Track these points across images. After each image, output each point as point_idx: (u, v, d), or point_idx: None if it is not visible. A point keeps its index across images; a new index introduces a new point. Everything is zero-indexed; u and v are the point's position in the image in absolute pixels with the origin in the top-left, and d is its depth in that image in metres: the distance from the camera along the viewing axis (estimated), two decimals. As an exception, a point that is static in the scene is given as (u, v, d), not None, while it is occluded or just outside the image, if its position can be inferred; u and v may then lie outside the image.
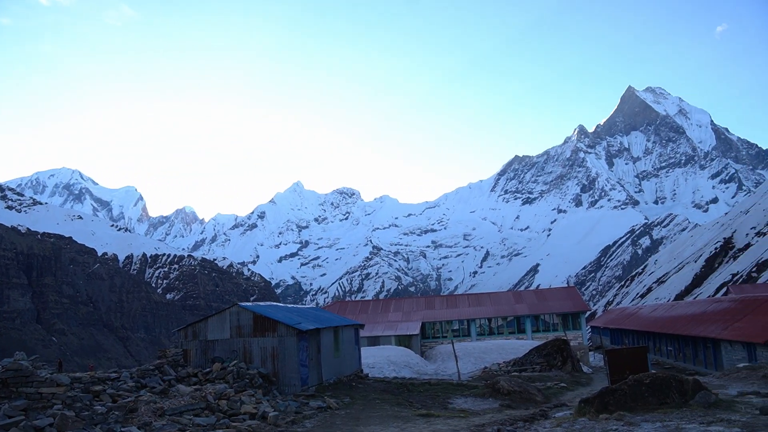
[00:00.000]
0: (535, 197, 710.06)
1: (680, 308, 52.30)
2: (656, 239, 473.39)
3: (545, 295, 61.64)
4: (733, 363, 30.65)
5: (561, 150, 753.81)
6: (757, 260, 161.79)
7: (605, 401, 14.84)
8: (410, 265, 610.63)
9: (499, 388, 24.62)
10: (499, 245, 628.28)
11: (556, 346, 36.85)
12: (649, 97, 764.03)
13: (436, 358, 47.17)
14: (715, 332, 35.00)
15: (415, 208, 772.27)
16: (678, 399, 14.64)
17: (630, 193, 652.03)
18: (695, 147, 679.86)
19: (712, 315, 39.68)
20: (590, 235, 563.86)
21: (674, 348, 43.10)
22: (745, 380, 21.31)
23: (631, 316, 62.19)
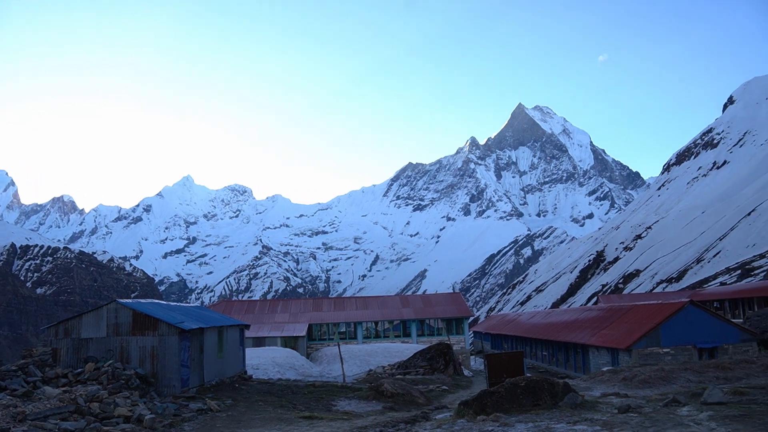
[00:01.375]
0: (426, 204, 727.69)
1: (555, 316, 55.37)
2: (537, 250, 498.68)
3: (431, 300, 63.18)
4: (599, 367, 32.86)
5: (453, 160, 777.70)
6: (624, 272, 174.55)
7: (483, 403, 15.45)
8: (300, 267, 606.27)
9: (383, 391, 24.96)
10: (389, 250, 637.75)
11: (440, 350, 37.87)
12: (537, 115, 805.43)
13: (322, 360, 47.10)
14: (585, 338, 37.39)
15: (307, 209, 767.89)
16: (549, 401, 15.52)
17: (515, 205, 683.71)
18: (576, 165, 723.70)
19: (583, 322, 42.35)
20: (477, 243, 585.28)
21: (548, 353, 45.56)
22: (608, 382, 22.92)
23: (511, 323, 65.08)
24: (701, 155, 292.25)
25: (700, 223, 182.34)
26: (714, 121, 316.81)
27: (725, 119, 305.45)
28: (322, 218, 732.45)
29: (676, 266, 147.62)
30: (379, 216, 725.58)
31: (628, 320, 35.71)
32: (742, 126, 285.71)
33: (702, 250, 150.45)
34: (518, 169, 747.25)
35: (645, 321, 33.22)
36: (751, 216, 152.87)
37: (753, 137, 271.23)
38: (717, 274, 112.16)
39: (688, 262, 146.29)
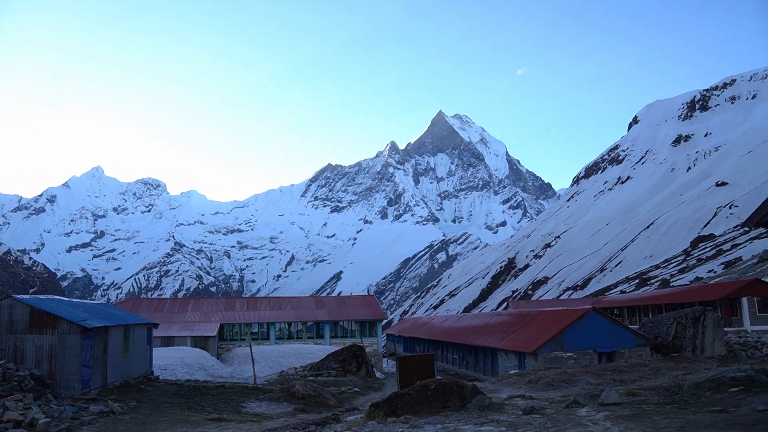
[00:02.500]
0: (344, 206, 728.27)
1: (467, 320, 56.71)
2: (452, 255, 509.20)
3: (345, 302, 63.24)
4: (507, 370, 33.95)
5: (373, 163, 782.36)
6: (533, 279, 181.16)
7: (394, 405, 15.64)
8: (213, 265, 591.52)
9: (294, 392, 24.76)
10: (305, 250, 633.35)
11: (352, 352, 37.96)
12: (456, 123, 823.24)
13: (233, 360, 46.16)
14: (494, 343, 38.53)
15: (223, 206, 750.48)
16: (458, 402, 15.91)
17: (432, 210, 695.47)
18: (491, 174, 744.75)
19: (493, 327, 43.61)
20: (393, 246, 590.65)
21: (459, 356, 46.60)
22: (515, 385, 23.75)
23: (424, 326, 66.09)
24: (608, 170, 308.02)
25: (604, 235, 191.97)
26: (620, 138, 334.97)
27: (630, 137, 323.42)
28: (238, 216, 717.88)
29: (582, 274, 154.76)
30: (296, 216, 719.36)
31: (536, 325, 37.10)
32: (644, 145, 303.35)
33: (605, 259, 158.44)
34: (436, 175, 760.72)
35: (551, 326, 34.61)
36: (650, 229, 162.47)
37: (653, 156, 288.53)
38: (618, 283, 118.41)
39: (593, 270, 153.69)
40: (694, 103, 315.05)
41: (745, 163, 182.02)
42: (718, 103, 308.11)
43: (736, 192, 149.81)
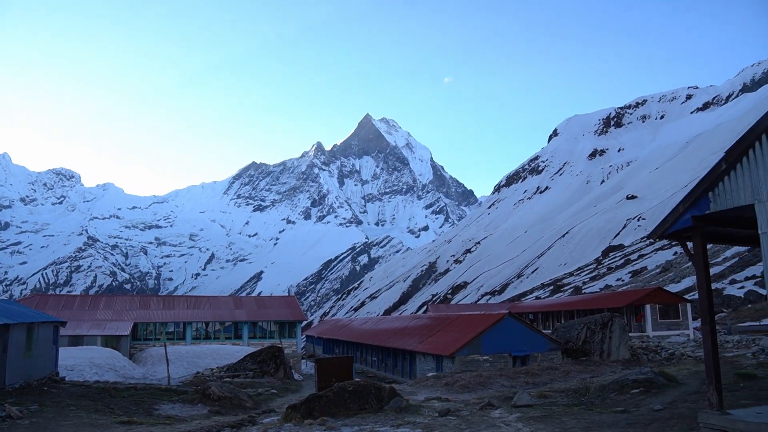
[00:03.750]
0: (267, 205, 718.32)
1: (387, 322, 57.13)
2: (374, 258, 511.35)
3: (265, 303, 62.36)
4: (424, 372, 34.43)
5: (298, 163, 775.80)
6: (453, 283, 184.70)
7: (311, 407, 15.56)
8: (129, 261, 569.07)
9: (209, 394, 24.19)
10: (225, 249, 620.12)
11: (271, 353, 37.48)
12: (383, 126, 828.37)
13: (146, 361, 44.59)
14: (413, 345, 39.01)
15: (141, 200, 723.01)
16: (375, 404, 16.01)
17: (355, 212, 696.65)
18: (416, 178, 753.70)
19: (412, 330, 44.14)
20: (315, 247, 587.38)
21: (378, 358, 46.87)
22: (432, 387, 24.12)
23: (344, 328, 66.09)
24: (528, 180, 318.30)
25: (522, 242, 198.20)
26: (540, 150, 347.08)
27: (549, 149, 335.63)
28: (156, 212, 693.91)
29: (500, 280, 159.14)
30: (217, 214, 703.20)
31: (454, 329, 37.83)
32: (562, 157, 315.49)
33: (522, 266, 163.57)
34: (361, 177, 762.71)
35: (468, 330, 35.38)
36: (565, 238, 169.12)
37: (571, 168, 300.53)
38: (534, 289, 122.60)
39: (510, 276, 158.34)
40: (610, 120, 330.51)
41: (653, 179, 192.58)
42: (631, 121, 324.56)
43: (644, 205, 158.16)
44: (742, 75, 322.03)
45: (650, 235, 11.56)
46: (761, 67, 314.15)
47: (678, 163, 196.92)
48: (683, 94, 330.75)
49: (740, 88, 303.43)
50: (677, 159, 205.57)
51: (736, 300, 59.28)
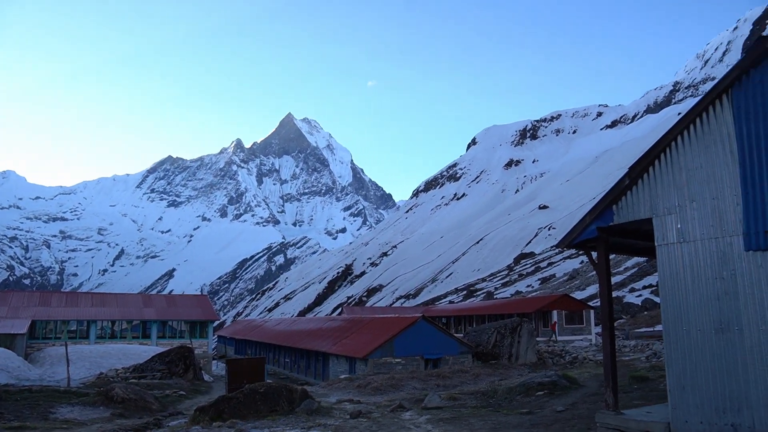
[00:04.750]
0: (182, 201, 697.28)
1: (301, 324, 56.70)
2: (290, 258, 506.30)
3: (176, 302, 60.48)
4: (337, 374, 34.42)
5: (216, 159, 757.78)
6: (369, 286, 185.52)
7: (220, 409, 15.25)
8: (29, 255, 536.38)
9: (112, 396, 23.19)
10: (136, 245, 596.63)
11: (180, 354, 36.39)
12: (304, 126, 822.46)
13: (44, 361, 42.19)
14: (326, 347, 38.91)
15: (46, 191, 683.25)
16: (287, 406, 15.87)
17: (273, 212, 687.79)
18: (335, 180, 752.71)
19: (326, 332, 44.03)
20: (230, 246, 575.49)
21: (291, 360, 46.45)
22: (344, 389, 24.14)
23: (257, 328, 65.05)
24: (445, 186, 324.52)
25: (438, 247, 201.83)
26: (459, 157, 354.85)
27: (468, 157, 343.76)
28: (63, 203, 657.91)
29: (415, 284, 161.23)
30: (129, 208, 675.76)
31: (368, 331, 38.03)
32: (480, 165, 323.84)
33: (437, 270, 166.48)
34: (280, 177, 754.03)
35: (382, 333, 35.67)
36: (479, 244, 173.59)
37: (487, 176, 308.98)
38: (448, 293, 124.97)
39: (425, 280, 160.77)
40: (526, 132, 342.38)
41: (564, 190, 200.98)
42: (546, 134, 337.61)
43: (555, 215, 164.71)
44: (646, 97, 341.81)
45: (559, 244, 12.09)
46: (663, 91, 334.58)
47: (587, 176, 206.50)
48: (594, 111, 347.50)
49: (645, 109, 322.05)
50: (587, 172, 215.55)
51: (635, 307, 62.75)
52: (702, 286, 9.51)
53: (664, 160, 10.14)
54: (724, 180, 9.36)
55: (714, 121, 9.59)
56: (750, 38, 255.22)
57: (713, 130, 9.58)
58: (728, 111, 9.42)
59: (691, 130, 9.86)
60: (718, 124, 9.53)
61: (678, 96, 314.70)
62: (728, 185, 9.30)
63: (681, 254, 9.80)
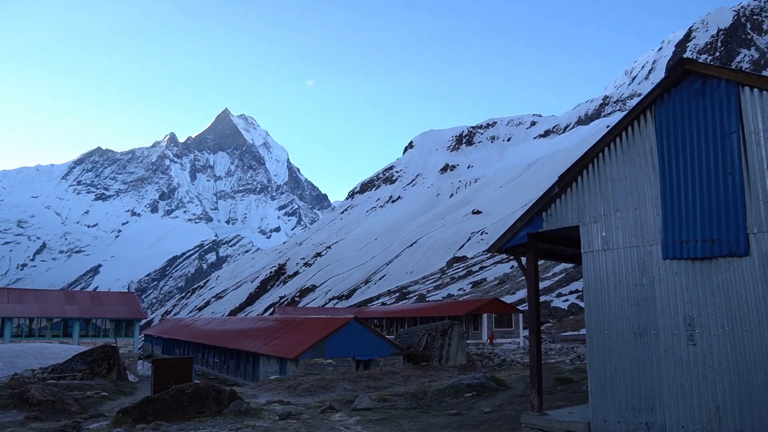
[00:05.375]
0: (111, 195, 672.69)
1: (231, 323, 55.72)
2: (222, 256, 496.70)
3: (101, 299, 58.34)
4: (268, 375, 34.01)
5: (148, 153, 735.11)
6: (301, 286, 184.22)
7: (144, 411, 14.81)
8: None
9: (27, 398, 22.11)
10: (59, 239, 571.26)
11: (104, 353, 35.09)
12: (241, 123, 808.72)
13: (-47, 360, 39.83)
14: (257, 347, 38.38)
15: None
16: (215, 408, 15.58)
17: (206, 209, 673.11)
18: (271, 179, 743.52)
19: (257, 332, 43.42)
20: (161, 242, 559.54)
21: (220, 360, 45.58)
22: (274, 390, 23.90)
23: (186, 328, 63.51)
24: (381, 188, 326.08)
25: (372, 249, 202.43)
26: (395, 160, 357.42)
27: (404, 160, 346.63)
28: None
29: (348, 285, 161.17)
30: (53, 200, 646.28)
31: (299, 332, 37.76)
32: (416, 169, 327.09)
33: (371, 272, 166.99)
34: (214, 173, 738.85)
35: (314, 334, 35.49)
36: (413, 247, 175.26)
37: (423, 180, 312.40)
38: (380, 295, 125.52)
39: (358, 282, 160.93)
40: (462, 137, 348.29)
41: (497, 196, 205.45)
42: (481, 141, 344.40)
43: (487, 220, 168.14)
44: (578, 109, 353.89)
45: (490, 248, 12.37)
46: (593, 104, 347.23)
47: (520, 183, 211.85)
48: (529, 121, 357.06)
49: (576, 121, 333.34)
50: (519, 179, 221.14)
51: (561, 311, 64.83)
52: (623, 292, 9.94)
53: (591, 171, 10.55)
54: (645, 191, 9.82)
55: (638, 135, 10.05)
56: (672, 59, 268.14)
57: (637, 144, 10.04)
58: (651, 126, 9.89)
59: (617, 142, 10.30)
60: (642, 138, 10.00)
61: (607, 109, 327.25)
62: (649, 196, 9.77)
63: (605, 261, 10.22)
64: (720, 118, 9.18)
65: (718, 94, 9.24)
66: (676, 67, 9.70)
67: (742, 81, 9.02)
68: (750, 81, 8.95)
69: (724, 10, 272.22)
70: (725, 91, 9.17)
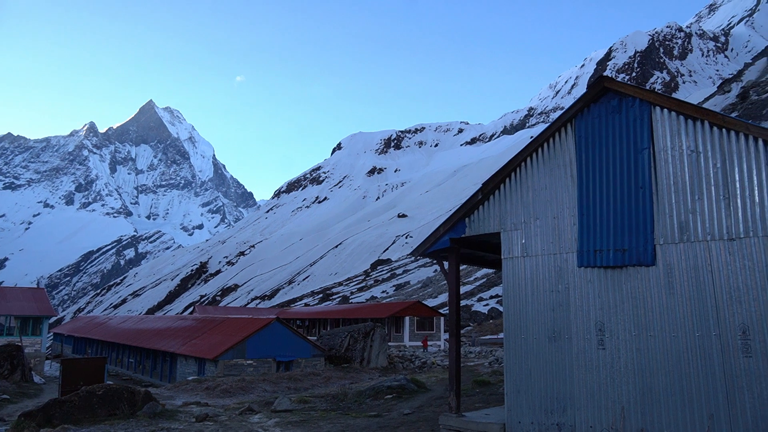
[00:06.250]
0: (22, 184, 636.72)
1: (149, 322, 53.93)
2: (141, 253, 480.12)
3: (6, 295, 55.07)
4: (186, 376, 33.11)
5: (65, 142, 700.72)
6: (223, 285, 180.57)
7: (50, 414, 14.11)
8: None
9: None
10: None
11: (6, 353, 33.22)
12: (166, 116, 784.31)
13: None
14: (174, 347, 37.31)
15: None
16: (127, 410, 15.03)
17: (126, 203, 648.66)
18: (195, 174, 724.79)
19: (176, 331, 42.22)
20: (75, 236, 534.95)
21: (136, 360, 44.03)
22: (192, 391, 23.33)
23: (100, 326, 60.99)
24: (308, 188, 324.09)
25: (296, 249, 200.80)
26: (323, 161, 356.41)
27: (332, 161, 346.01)
28: None
29: (271, 285, 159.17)
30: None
31: (220, 332, 36.98)
32: (343, 170, 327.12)
33: (295, 273, 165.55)
34: (136, 166, 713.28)
35: (234, 334, 34.84)
36: (338, 249, 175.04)
37: (350, 181, 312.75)
38: (304, 296, 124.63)
39: (282, 282, 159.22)
40: (390, 141, 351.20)
41: (423, 200, 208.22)
42: (409, 145, 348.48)
43: (412, 224, 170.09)
44: (504, 119, 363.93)
45: (413, 252, 12.55)
46: (519, 115, 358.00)
47: (445, 188, 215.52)
48: (456, 128, 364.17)
49: (502, 130, 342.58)
50: (445, 185, 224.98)
51: (482, 315, 66.37)
52: (540, 298, 10.31)
53: (514, 179, 10.88)
54: (564, 201, 10.23)
55: (559, 147, 10.46)
56: (593, 76, 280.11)
57: (558, 155, 10.44)
58: (571, 139, 10.32)
59: (539, 153, 10.68)
60: (562, 150, 10.41)
61: (531, 121, 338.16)
62: (567, 206, 10.18)
63: (524, 267, 10.57)
64: (634, 134, 9.69)
65: (632, 111, 9.76)
66: (596, 84, 10.17)
67: (654, 101, 9.56)
68: (661, 101, 9.51)
69: (640, 34, 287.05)
70: (639, 109, 9.69)
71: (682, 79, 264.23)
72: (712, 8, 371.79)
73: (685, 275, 8.95)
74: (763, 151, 8.54)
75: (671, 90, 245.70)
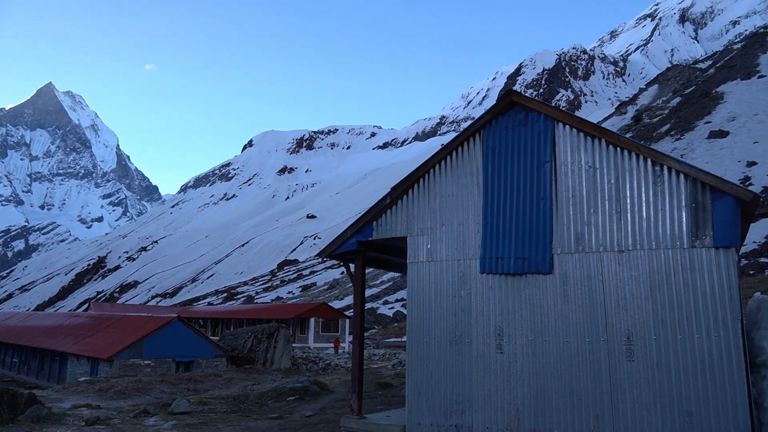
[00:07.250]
0: None
1: (37, 319, 50.85)
2: (32, 245, 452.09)
3: None
4: (77, 377, 31.39)
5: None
6: (122, 281, 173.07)
7: None
8: None
9: None
10: None
11: None
12: (67, 100, 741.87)
13: None
14: (65, 346, 35.33)
15: None
16: (7, 414, 14.08)
17: (17, 190, 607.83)
18: (96, 164, 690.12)
19: (67, 329, 40.00)
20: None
21: (20, 360, 41.38)
22: (83, 393, 22.18)
23: (-20, 323, 56.85)
24: (216, 185, 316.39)
25: (201, 246, 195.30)
26: (233, 157, 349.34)
27: (242, 158, 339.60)
28: None
29: (174, 282, 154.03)
30: None
31: (116, 330, 35.37)
32: (253, 168, 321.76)
33: (199, 270, 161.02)
34: (30, 152, 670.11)
35: (132, 332, 33.44)
36: (245, 247, 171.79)
37: (260, 180, 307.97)
38: (207, 294, 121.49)
39: (185, 280, 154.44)
40: (302, 141, 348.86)
41: (333, 202, 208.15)
42: (321, 146, 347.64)
43: (321, 225, 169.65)
44: (416, 125, 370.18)
45: (320, 253, 12.54)
46: (431, 122, 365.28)
47: (356, 191, 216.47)
48: (369, 131, 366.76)
49: (414, 136, 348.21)
50: (356, 188, 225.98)
51: (387, 318, 67.10)
52: (443, 302, 10.57)
53: (422, 185, 11.11)
54: (469, 209, 10.55)
55: (467, 156, 10.78)
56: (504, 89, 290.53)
57: (465, 164, 10.76)
58: (479, 149, 10.66)
59: (447, 161, 10.96)
60: (470, 159, 10.73)
61: (443, 129, 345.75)
62: (472, 214, 10.51)
63: (428, 272, 10.81)
64: (538, 148, 10.15)
65: (537, 126, 10.21)
66: (505, 97, 10.56)
67: (557, 117, 10.07)
68: (563, 118, 10.03)
69: (548, 53, 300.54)
70: (543, 124, 10.16)
71: (585, 99, 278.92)
72: (613, 35, 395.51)
73: (579, 284, 9.46)
74: (651, 171, 9.20)
75: (574, 108, 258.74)
